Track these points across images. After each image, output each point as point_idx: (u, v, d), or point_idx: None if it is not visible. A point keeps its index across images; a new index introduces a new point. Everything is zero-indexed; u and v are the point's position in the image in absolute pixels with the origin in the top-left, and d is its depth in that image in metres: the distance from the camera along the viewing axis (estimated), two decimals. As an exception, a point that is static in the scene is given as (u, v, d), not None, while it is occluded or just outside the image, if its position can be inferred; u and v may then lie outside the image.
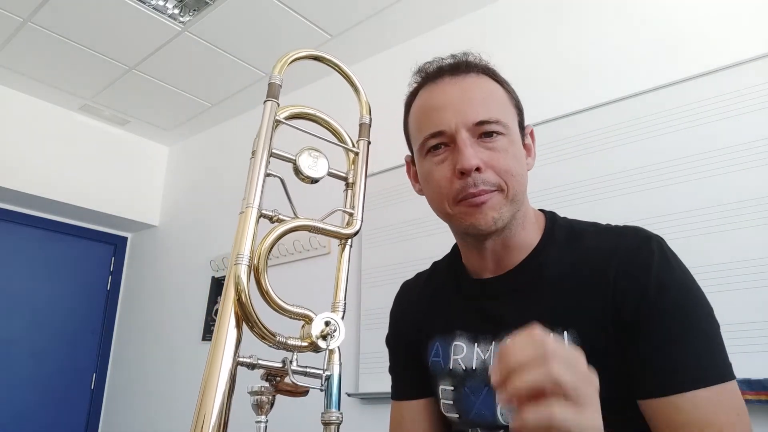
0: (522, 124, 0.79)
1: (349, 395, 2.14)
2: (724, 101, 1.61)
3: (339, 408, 0.50)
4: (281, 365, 0.50)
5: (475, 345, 0.77)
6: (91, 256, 3.54)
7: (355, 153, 0.64)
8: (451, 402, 0.79)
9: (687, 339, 0.64)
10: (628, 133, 1.76)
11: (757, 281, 1.44)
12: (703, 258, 1.51)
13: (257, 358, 0.49)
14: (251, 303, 0.48)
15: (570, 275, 0.72)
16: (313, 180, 0.57)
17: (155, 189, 3.62)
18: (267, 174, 0.55)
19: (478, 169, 0.69)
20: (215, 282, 3.02)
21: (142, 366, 3.26)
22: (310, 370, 0.51)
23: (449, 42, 2.38)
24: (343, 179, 0.63)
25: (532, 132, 0.82)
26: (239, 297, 0.48)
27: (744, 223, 1.50)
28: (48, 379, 3.19)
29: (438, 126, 0.73)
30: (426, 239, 2.12)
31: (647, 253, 0.68)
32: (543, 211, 0.82)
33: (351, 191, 0.62)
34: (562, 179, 1.83)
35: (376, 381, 2.09)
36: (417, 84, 0.81)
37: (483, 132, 0.72)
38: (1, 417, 2.98)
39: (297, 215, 0.55)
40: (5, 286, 3.13)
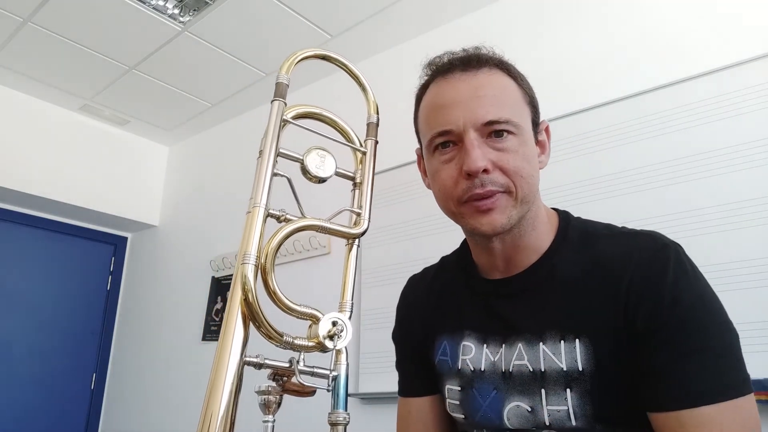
0: (536, 120, 0.76)
1: (350, 395, 2.14)
2: (724, 101, 1.61)
3: (346, 408, 0.50)
4: (288, 365, 0.49)
5: (484, 346, 0.76)
6: (91, 256, 3.54)
7: (363, 152, 0.64)
8: (458, 402, 0.78)
9: (698, 353, 0.62)
10: (627, 133, 1.76)
11: (757, 281, 1.45)
12: (703, 258, 1.49)
13: (264, 357, 0.48)
14: (258, 303, 0.48)
15: (583, 280, 0.70)
16: (321, 180, 0.57)
17: (155, 189, 3.61)
18: (274, 174, 0.54)
19: (485, 171, 0.68)
20: (215, 282, 3.01)
21: (142, 366, 3.26)
22: (317, 370, 0.51)
23: (449, 42, 2.38)
24: (351, 179, 0.62)
25: (547, 128, 0.79)
26: (246, 297, 0.48)
27: (744, 223, 1.50)
28: (48, 379, 3.18)
29: (446, 124, 0.71)
30: (426, 239, 2.12)
31: (663, 262, 0.66)
32: (557, 211, 0.80)
33: (359, 191, 0.61)
34: (562, 179, 1.83)
35: (376, 381, 2.09)
36: (428, 77, 0.78)
37: (492, 131, 0.69)
38: (2, 417, 2.97)
39: (304, 215, 0.55)
40: (5, 286, 3.12)
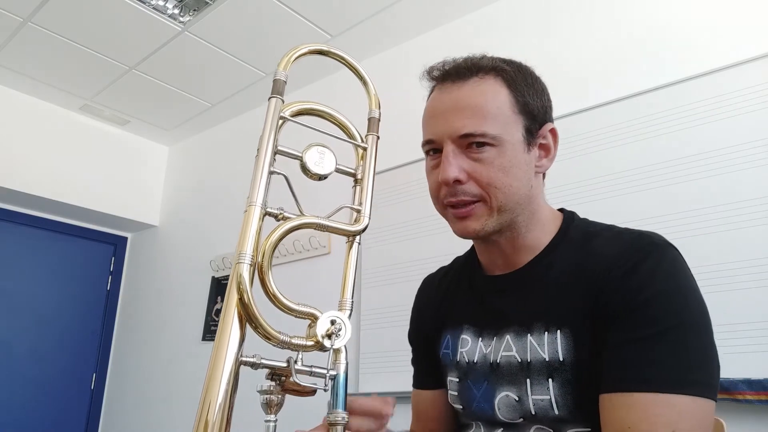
0: (532, 127, 0.75)
1: (350, 395, 2.13)
2: (724, 101, 1.61)
3: (345, 408, 0.49)
4: (285, 365, 0.48)
5: (479, 339, 0.80)
6: (91, 256, 3.54)
7: (364, 148, 0.63)
8: (456, 393, 0.82)
9: (646, 341, 0.62)
10: (627, 134, 1.76)
11: (757, 281, 1.44)
12: (703, 258, 1.51)
13: (260, 357, 0.48)
14: (254, 303, 0.47)
15: (572, 275, 0.72)
16: (321, 177, 0.56)
17: (155, 189, 3.61)
18: (271, 172, 0.54)
19: (458, 181, 0.71)
20: (215, 282, 3.01)
21: (142, 366, 3.26)
22: (315, 369, 0.50)
23: (448, 43, 2.38)
24: (352, 175, 0.61)
25: (553, 130, 0.79)
26: (241, 297, 0.47)
27: (744, 223, 1.50)
28: (48, 379, 3.18)
29: (430, 134, 0.76)
30: (427, 239, 2.12)
31: (644, 255, 0.67)
32: (563, 211, 0.82)
33: (359, 187, 0.61)
34: (561, 179, 1.82)
35: (376, 381, 2.09)
36: (430, 84, 0.82)
37: (470, 143, 0.72)
38: (2, 417, 2.97)
39: (302, 213, 0.55)
40: (5, 286, 3.12)
